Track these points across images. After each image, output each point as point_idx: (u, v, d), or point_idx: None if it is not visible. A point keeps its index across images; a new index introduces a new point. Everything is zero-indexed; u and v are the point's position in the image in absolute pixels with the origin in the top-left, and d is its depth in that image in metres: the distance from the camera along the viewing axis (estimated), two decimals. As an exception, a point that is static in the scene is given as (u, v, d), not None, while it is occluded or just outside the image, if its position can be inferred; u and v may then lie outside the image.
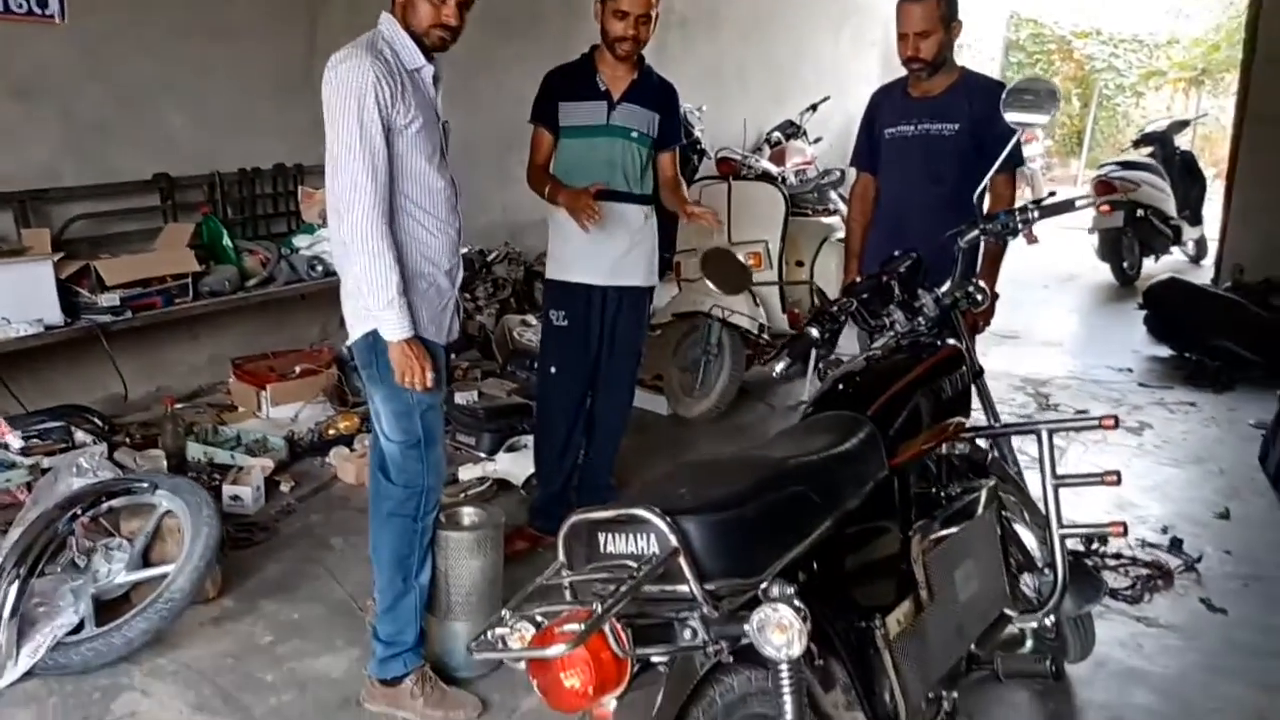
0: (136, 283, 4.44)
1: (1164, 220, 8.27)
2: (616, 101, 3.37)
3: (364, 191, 2.36)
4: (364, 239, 2.37)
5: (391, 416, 2.57)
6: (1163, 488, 4.22)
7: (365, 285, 2.40)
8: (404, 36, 2.48)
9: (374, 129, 2.36)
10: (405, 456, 2.59)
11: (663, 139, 3.48)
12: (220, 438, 4.32)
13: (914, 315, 2.55)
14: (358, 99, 2.34)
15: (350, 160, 2.36)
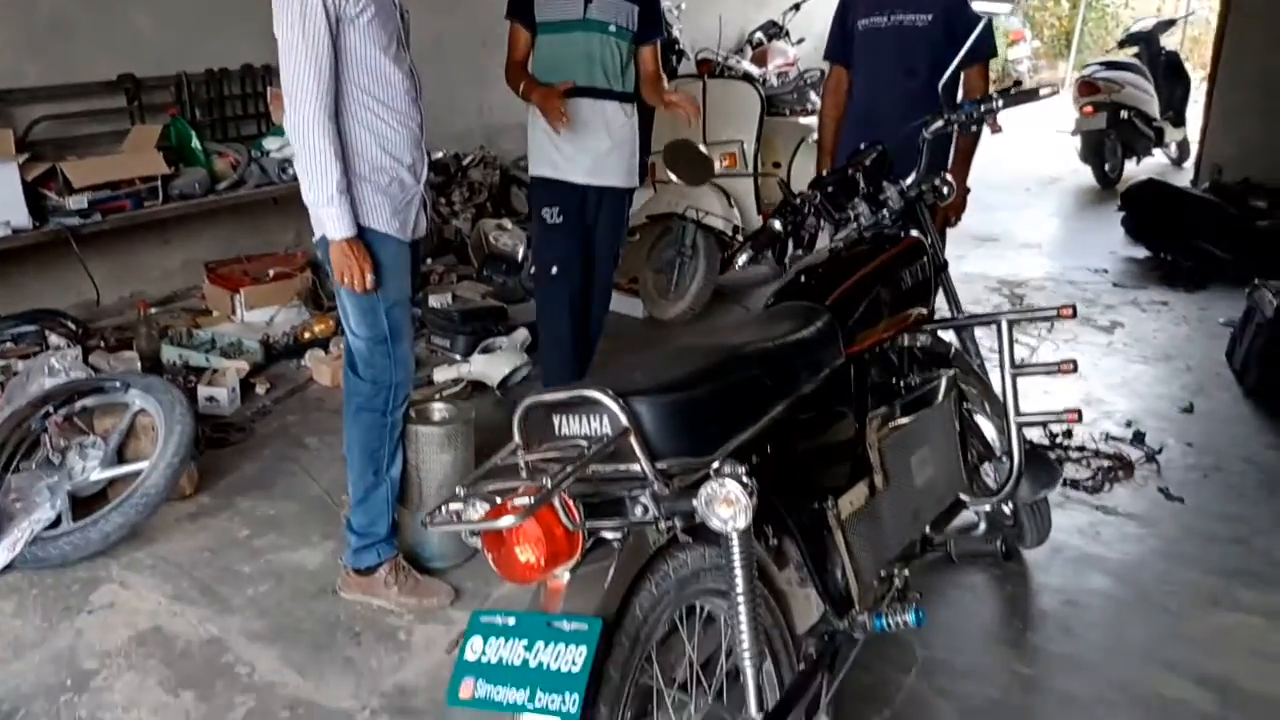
0: (104, 185, 4.39)
1: (1147, 122, 8.20)
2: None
3: (305, 86, 2.31)
4: (305, 134, 2.33)
5: (358, 312, 2.57)
6: (1130, 384, 4.28)
7: (305, 181, 2.38)
8: None
9: (316, 20, 2.30)
10: (373, 352, 2.61)
11: (643, 32, 3.36)
12: (195, 341, 4.32)
13: (878, 208, 2.55)
14: (301, 9, 2.28)
15: (290, 54, 2.31)
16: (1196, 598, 2.76)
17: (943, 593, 2.76)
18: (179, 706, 2.31)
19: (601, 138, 3.32)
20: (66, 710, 2.29)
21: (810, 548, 1.89)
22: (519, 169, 6.61)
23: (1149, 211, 6.20)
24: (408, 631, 2.58)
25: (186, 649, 2.51)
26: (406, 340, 2.68)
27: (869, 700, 2.32)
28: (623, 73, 3.35)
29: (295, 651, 2.51)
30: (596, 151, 3.32)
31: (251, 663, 2.46)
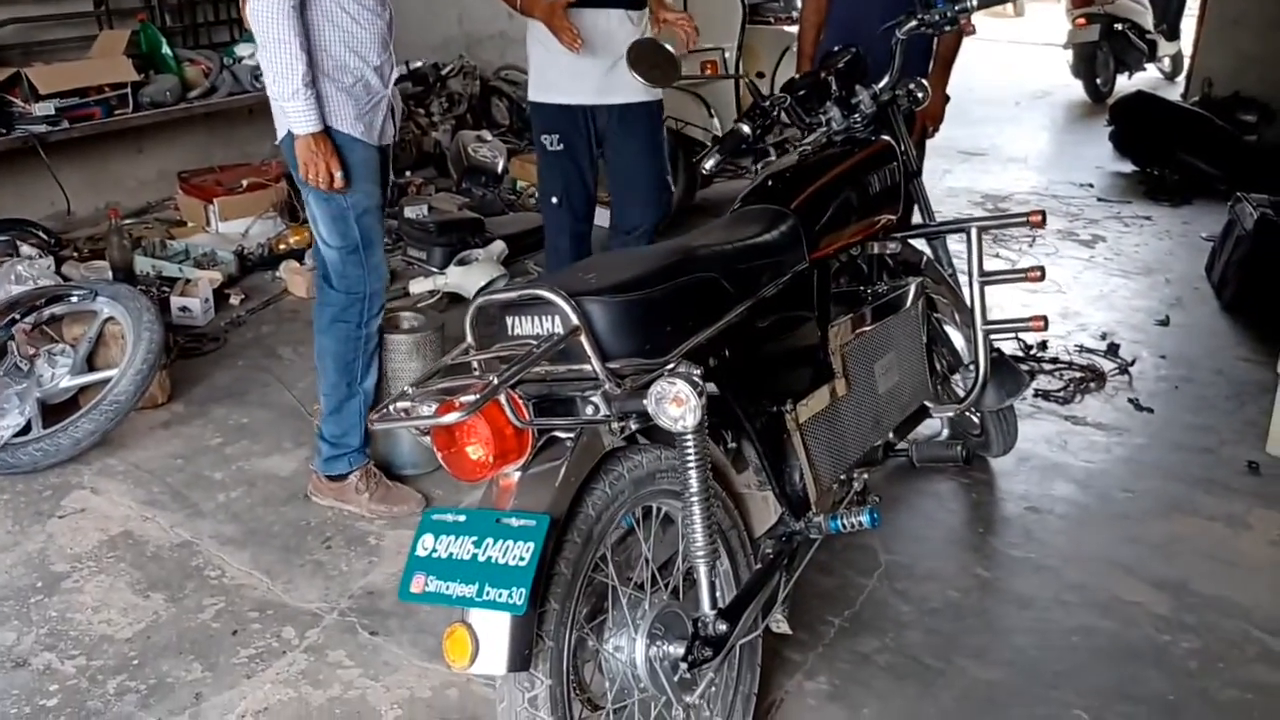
0: (72, 92, 4.31)
1: (1140, 35, 8.09)
2: None
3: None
4: (269, 24, 2.26)
5: (328, 220, 2.52)
6: (1108, 297, 4.27)
7: (270, 74, 2.31)
8: None
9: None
10: (345, 262, 2.56)
11: None
12: (168, 252, 4.28)
13: (851, 112, 2.50)
14: None
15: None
16: (1158, 504, 2.79)
17: (908, 499, 2.79)
18: (149, 607, 2.33)
19: (607, 52, 3.04)
20: (37, 610, 2.32)
21: (768, 450, 1.89)
22: (500, 79, 6.51)
23: (1137, 125, 6.14)
24: (378, 537, 2.61)
25: (157, 553, 2.54)
26: (378, 248, 2.62)
27: (831, 602, 2.36)
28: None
29: (265, 555, 2.53)
30: (603, 68, 3.05)
31: (221, 566, 2.49)
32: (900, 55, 2.50)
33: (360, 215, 2.53)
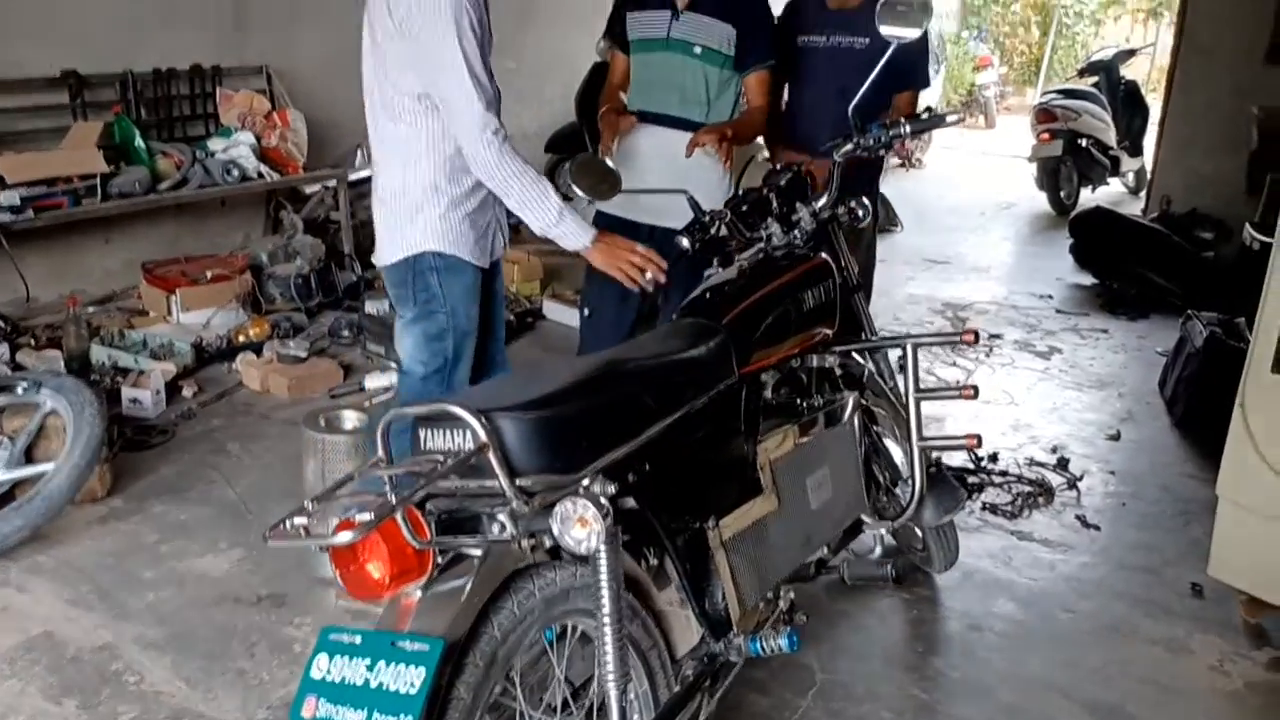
0: (40, 182, 4.35)
1: (1103, 150, 8.30)
2: (681, 10, 3.00)
3: (484, 122, 2.25)
4: (500, 167, 2.27)
5: (424, 339, 2.51)
6: (1061, 410, 4.30)
7: (527, 212, 2.31)
8: None
9: (475, 55, 2.24)
10: (426, 380, 2.54)
11: (744, 57, 3.05)
12: (126, 342, 4.27)
13: (791, 229, 2.55)
14: (455, 26, 2.21)
15: (460, 94, 2.24)
16: (1099, 626, 2.77)
17: (850, 614, 2.76)
18: (59, 714, 2.27)
19: (664, 171, 2.95)
20: (-57, 716, 2.25)
21: (689, 568, 1.87)
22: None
23: (1096, 239, 6.26)
24: (304, 644, 2.55)
25: (77, 655, 2.47)
26: (465, 366, 2.59)
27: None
28: (709, 101, 3.08)
29: (188, 661, 2.47)
30: (657, 185, 2.87)
31: (141, 671, 2.43)
32: (838, 176, 2.56)
33: (458, 337, 2.53)
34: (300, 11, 5.74)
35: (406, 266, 2.45)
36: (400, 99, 2.37)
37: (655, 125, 3.07)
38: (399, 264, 2.46)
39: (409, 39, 2.26)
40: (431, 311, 2.47)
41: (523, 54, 6.73)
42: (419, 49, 2.25)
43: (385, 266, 2.52)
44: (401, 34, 2.27)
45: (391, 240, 2.47)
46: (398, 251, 2.46)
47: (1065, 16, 14.80)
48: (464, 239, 2.46)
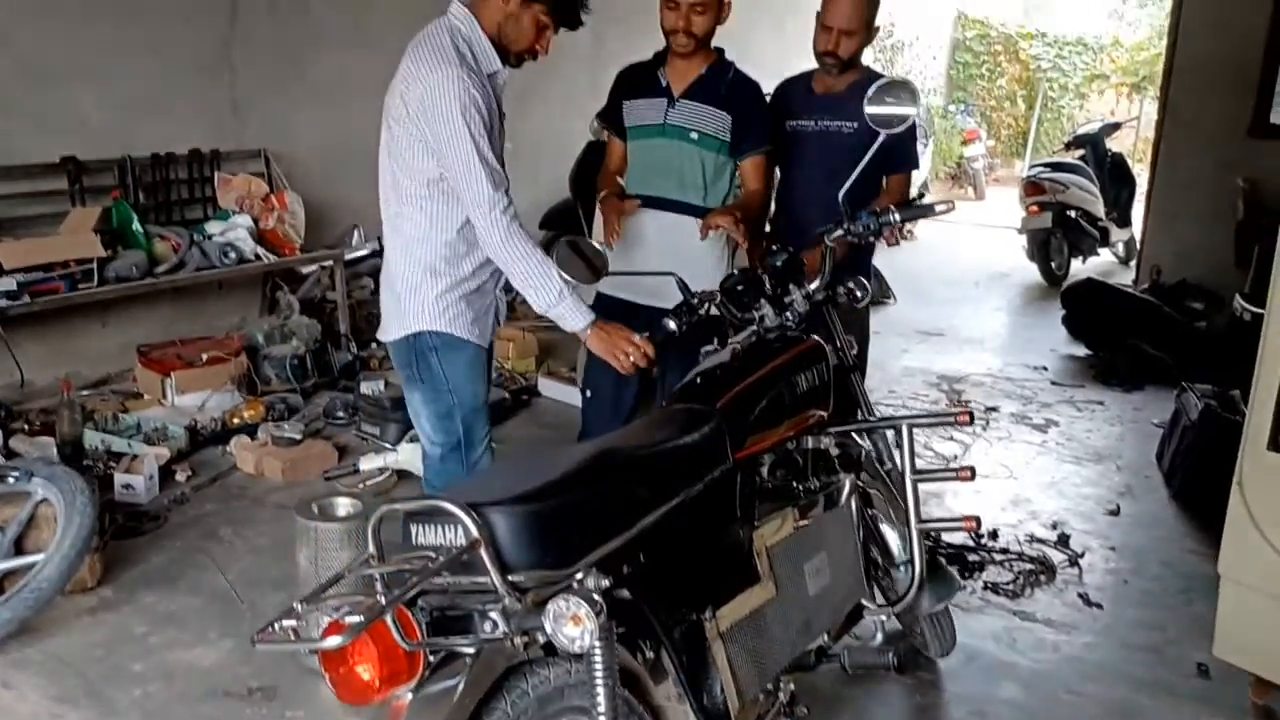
0: (37, 267, 4.37)
1: (1092, 222, 8.39)
2: (677, 98, 3.07)
3: (494, 202, 2.37)
4: (507, 245, 2.38)
5: (433, 419, 2.59)
6: (1059, 485, 4.28)
7: (530, 291, 2.40)
8: (483, 39, 2.46)
9: (483, 140, 2.35)
10: (445, 460, 2.62)
11: (740, 143, 3.10)
12: (120, 425, 4.26)
13: (784, 310, 2.56)
14: (462, 111, 2.32)
15: (471, 177, 2.35)
16: (1103, 709, 2.73)
17: (853, 701, 2.71)
18: (42, 817, 2.21)
19: (664, 254, 2.95)
20: (-78, 820, 2.19)
21: (686, 661, 1.84)
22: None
23: (1088, 310, 6.30)
24: (295, 737, 2.50)
25: (61, 754, 2.42)
26: (479, 448, 2.65)
27: (762, 816, 2.25)
28: (707, 185, 3.12)
29: (175, 758, 2.42)
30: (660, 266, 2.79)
31: (127, 770, 2.37)
32: (830, 259, 2.58)
33: (466, 414, 2.59)
34: (298, 96, 5.83)
35: (407, 346, 2.54)
36: (408, 182, 2.46)
37: (655, 209, 3.12)
38: (400, 343, 2.55)
39: (421, 124, 2.37)
40: (436, 391, 2.54)
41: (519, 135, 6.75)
42: (431, 134, 2.36)
43: (389, 344, 2.62)
44: (414, 119, 2.37)
45: (392, 319, 2.58)
46: (398, 330, 2.55)
47: (1050, 90, 15.06)
48: (461, 318, 2.52)
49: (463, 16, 2.47)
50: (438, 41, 2.41)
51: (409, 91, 2.39)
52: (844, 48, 3.23)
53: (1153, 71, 13.99)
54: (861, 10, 3.20)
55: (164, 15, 5.15)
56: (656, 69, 3.15)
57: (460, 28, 2.46)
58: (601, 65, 7.54)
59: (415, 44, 2.45)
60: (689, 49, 3.02)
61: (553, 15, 2.50)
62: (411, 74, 2.39)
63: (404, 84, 2.41)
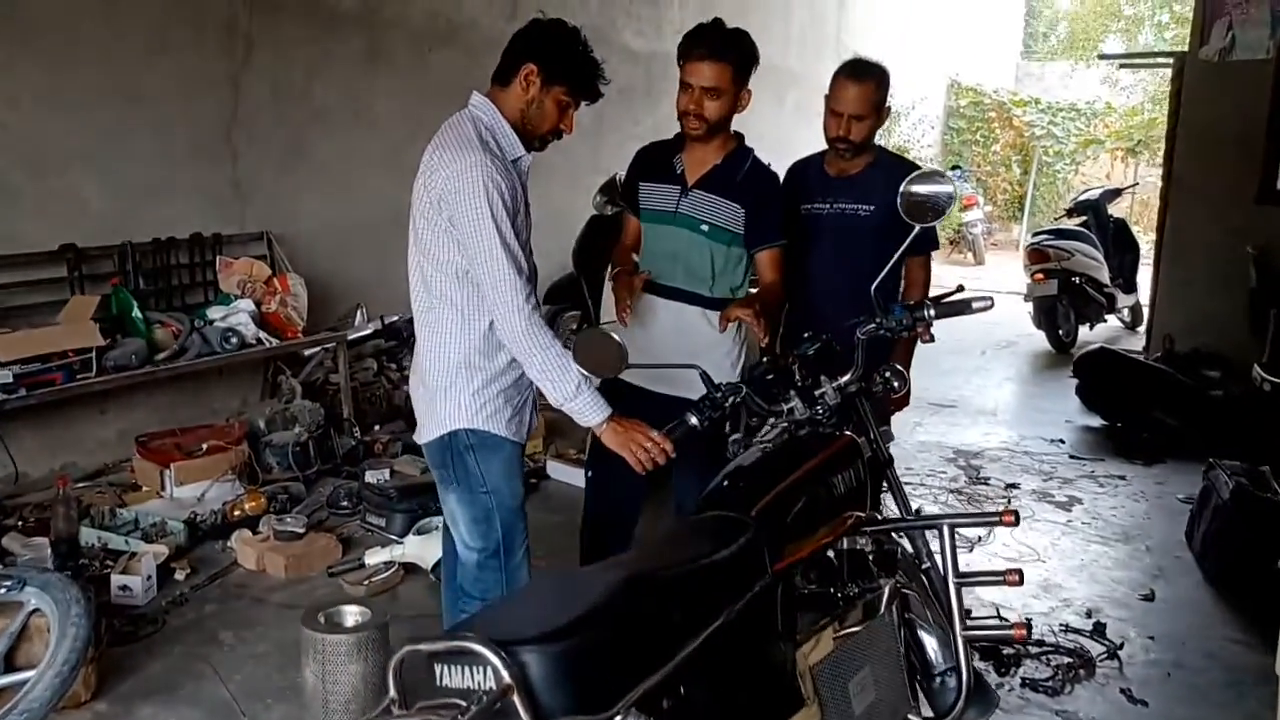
0: (34, 358, 4.26)
1: (1098, 288, 8.35)
2: (690, 187, 3.00)
3: (516, 290, 2.31)
4: (527, 336, 2.32)
5: (470, 521, 2.48)
6: (1089, 567, 4.14)
7: (547, 384, 2.35)
8: (505, 126, 2.44)
9: (507, 226, 2.30)
10: (483, 567, 2.49)
11: (754, 236, 3.01)
12: (117, 521, 4.13)
13: (814, 403, 2.46)
14: (487, 199, 2.28)
15: (493, 263, 2.30)
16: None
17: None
18: None
19: (673, 343, 2.93)
20: None
21: (732, 799, 1.71)
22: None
23: (1102, 380, 6.21)
24: None
25: None
26: (519, 552, 2.53)
27: None
28: (714, 276, 3.03)
29: None
30: (659, 357, 2.84)
31: None
32: (863, 352, 2.49)
33: (505, 515, 2.48)
34: (300, 177, 5.80)
35: (443, 446, 2.45)
36: (438, 276, 2.40)
37: (663, 296, 3.04)
38: (436, 443, 2.47)
39: (445, 213, 2.33)
40: (473, 492, 2.43)
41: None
42: (455, 222, 2.31)
43: (424, 444, 2.53)
44: (437, 207, 2.33)
45: (427, 419, 2.50)
46: (434, 430, 2.46)
47: (1045, 155, 15.19)
48: (499, 415, 2.44)
49: (483, 106, 2.45)
50: (460, 132, 2.39)
51: (432, 180, 2.35)
52: (855, 132, 3.18)
53: (1147, 136, 14.16)
54: (871, 95, 3.15)
55: (166, 99, 5.11)
56: (675, 153, 3.07)
57: (482, 117, 2.43)
58: (602, 139, 7.59)
59: (438, 136, 2.42)
60: (700, 132, 2.93)
61: (574, 94, 2.47)
62: (434, 164, 2.36)
63: (427, 174, 2.38)
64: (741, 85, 2.92)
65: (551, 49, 2.44)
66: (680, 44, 2.95)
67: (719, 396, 2.37)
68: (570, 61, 2.45)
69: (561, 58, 2.44)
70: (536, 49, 2.43)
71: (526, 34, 2.47)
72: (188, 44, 5.16)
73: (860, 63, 3.18)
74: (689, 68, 2.88)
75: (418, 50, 6.33)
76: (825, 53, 11.40)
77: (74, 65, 4.71)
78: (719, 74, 2.84)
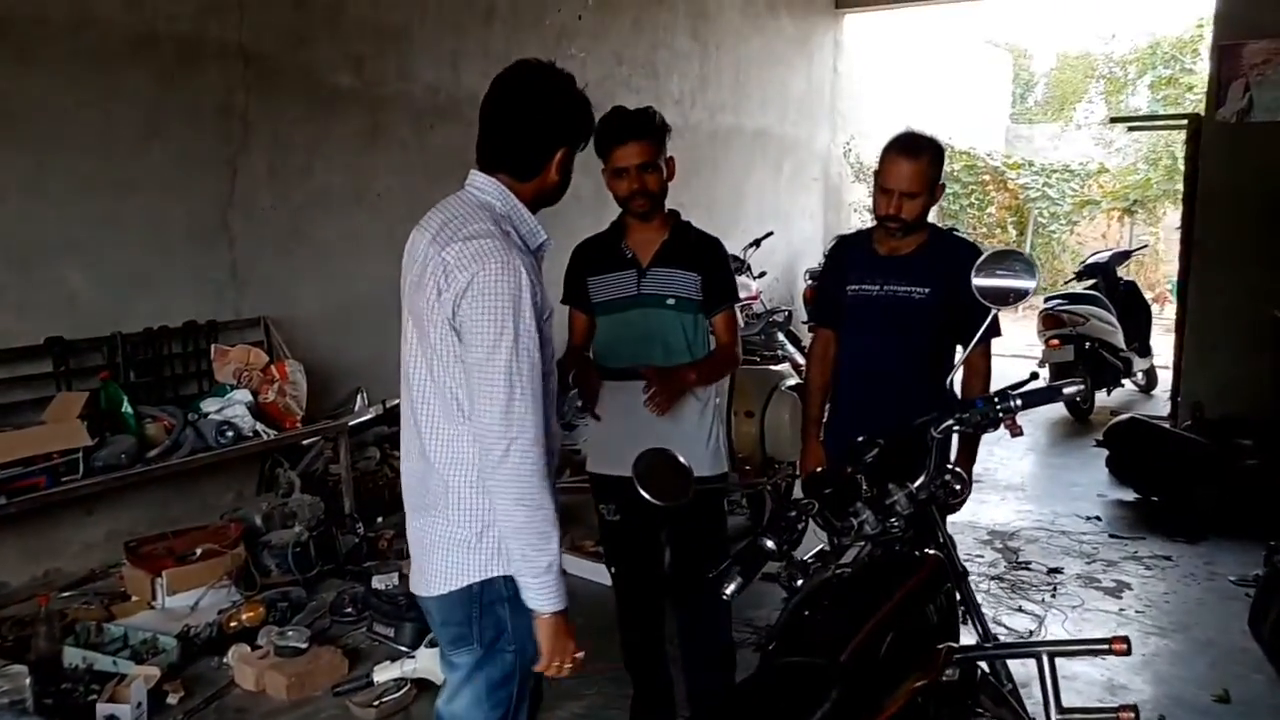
0: (15, 462, 3.99)
1: (1113, 352, 8.17)
2: (646, 267, 3.00)
3: (525, 426, 1.91)
4: (522, 485, 1.91)
5: (488, 686, 2.09)
6: (1152, 664, 3.86)
7: (519, 545, 1.94)
8: (523, 210, 2.09)
9: (532, 345, 1.93)
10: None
11: (709, 300, 3.03)
12: (105, 638, 3.81)
13: (886, 514, 2.21)
14: (514, 308, 1.91)
15: (505, 388, 1.91)
16: None
17: None
18: None
19: (662, 424, 2.87)
20: None
21: None
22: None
23: (1134, 452, 5.97)
24: None
25: None
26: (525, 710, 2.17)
27: None
28: (690, 346, 3.04)
29: None
30: (655, 441, 2.60)
31: None
32: (937, 454, 2.25)
33: (525, 677, 2.12)
34: (299, 260, 5.58)
35: (468, 598, 2.04)
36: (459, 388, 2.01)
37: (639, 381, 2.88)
38: (458, 595, 2.04)
39: (458, 321, 1.96)
40: (498, 651, 2.06)
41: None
42: (468, 328, 1.94)
43: (433, 599, 2.09)
44: (454, 315, 1.96)
45: (446, 563, 2.05)
46: (457, 578, 2.04)
47: (1041, 216, 15.14)
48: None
49: (492, 189, 2.09)
50: (476, 225, 2.00)
51: (447, 285, 1.95)
52: (907, 210, 2.97)
53: (1143, 196, 14.12)
54: (924, 171, 2.95)
55: (160, 185, 4.89)
56: (618, 242, 3.06)
57: (494, 204, 2.07)
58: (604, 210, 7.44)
59: (442, 229, 2.03)
60: (648, 209, 2.97)
61: (574, 147, 2.17)
62: (450, 265, 1.95)
63: (441, 277, 1.96)
64: (664, 154, 2.96)
65: (574, 121, 2.13)
66: (596, 139, 2.76)
67: (792, 515, 2.12)
68: (585, 123, 2.16)
69: (581, 125, 2.15)
70: (562, 129, 2.11)
71: (540, 107, 2.09)
72: (182, 127, 4.97)
73: (913, 137, 2.97)
74: (619, 153, 2.89)
75: (418, 126, 6.17)
76: (820, 120, 11.38)
77: (63, 153, 4.52)
78: (644, 150, 2.89)
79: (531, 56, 2.16)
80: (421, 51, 6.18)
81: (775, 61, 10.27)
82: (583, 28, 7.51)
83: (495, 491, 1.94)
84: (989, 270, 2.32)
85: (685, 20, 8.79)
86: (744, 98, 9.76)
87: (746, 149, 9.89)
